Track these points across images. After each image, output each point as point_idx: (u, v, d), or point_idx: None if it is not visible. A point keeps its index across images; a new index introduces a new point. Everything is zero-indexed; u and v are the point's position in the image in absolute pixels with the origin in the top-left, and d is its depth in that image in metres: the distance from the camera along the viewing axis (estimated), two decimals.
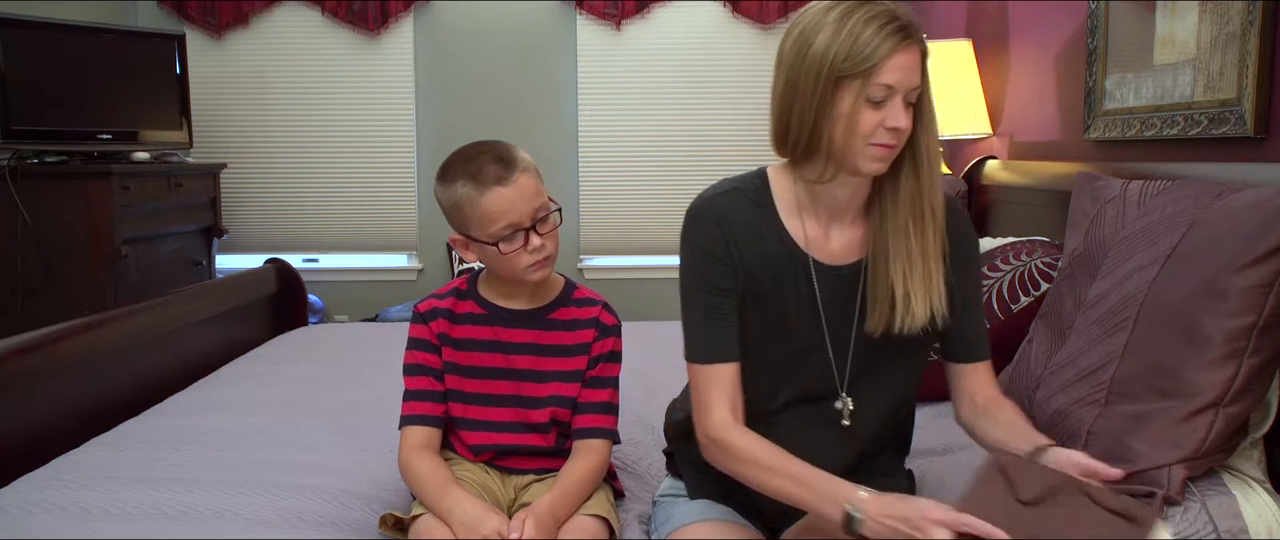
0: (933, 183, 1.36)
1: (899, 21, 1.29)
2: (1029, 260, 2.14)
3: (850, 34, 1.28)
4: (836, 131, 1.31)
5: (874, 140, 1.31)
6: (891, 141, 1.32)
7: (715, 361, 1.36)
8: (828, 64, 1.29)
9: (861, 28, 1.28)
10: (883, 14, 1.29)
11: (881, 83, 1.29)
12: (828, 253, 1.41)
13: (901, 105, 1.31)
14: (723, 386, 1.36)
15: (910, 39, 1.30)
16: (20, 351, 1.90)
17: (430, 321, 1.56)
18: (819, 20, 1.31)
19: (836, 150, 1.32)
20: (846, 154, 1.32)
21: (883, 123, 1.30)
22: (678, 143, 4.34)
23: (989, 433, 1.43)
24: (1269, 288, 1.49)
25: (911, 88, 1.31)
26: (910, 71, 1.30)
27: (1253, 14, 1.84)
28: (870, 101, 1.30)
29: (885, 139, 1.31)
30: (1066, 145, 2.70)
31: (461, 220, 1.49)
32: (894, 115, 1.30)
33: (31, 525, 1.47)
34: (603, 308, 1.59)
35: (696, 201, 1.42)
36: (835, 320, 1.41)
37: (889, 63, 1.29)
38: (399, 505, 1.57)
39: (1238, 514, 1.50)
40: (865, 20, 1.29)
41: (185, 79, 3.77)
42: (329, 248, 4.42)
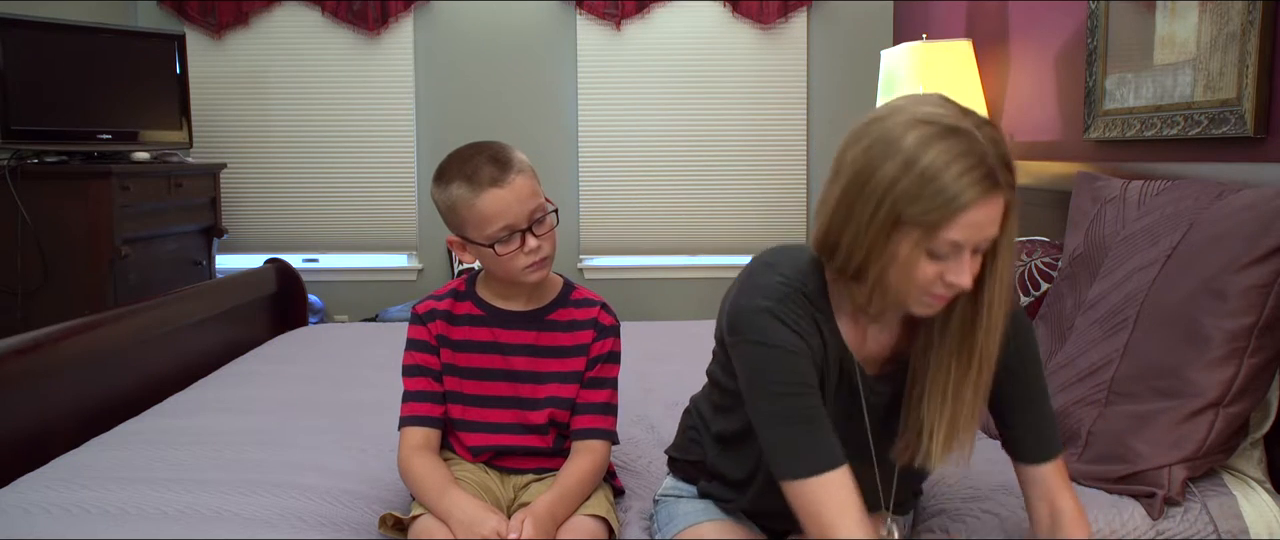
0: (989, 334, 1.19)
1: (986, 167, 1.09)
2: (1029, 260, 2.14)
3: (924, 174, 1.08)
4: (889, 272, 1.15)
5: (930, 291, 1.16)
6: (950, 295, 1.17)
7: (827, 469, 1.18)
8: (890, 201, 1.10)
9: (940, 168, 1.08)
10: (968, 154, 1.08)
11: (948, 239, 1.11)
12: (866, 354, 1.29)
13: (968, 259, 1.13)
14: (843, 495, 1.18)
15: (995, 189, 1.10)
16: (20, 351, 1.90)
17: (428, 323, 1.56)
18: (894, 140, 1.11)
19: (886, 288, 1.17)
20: (897, 294, 1.17)
21: (943, 276, 1.14)
22: (677, 143, 4.34)
23: None
24: (1269, 288, 1.49)
25: (984, 241, 1.13)
26: (986, 227, 1.11)
27: (1253, 14, 1.84)
28: (932, 254, 1.13)
29: (942, 291, 1.16)
30: (1066, 145, 2.70)
31: (458, 222, 1.49)
32: (957, 271, 1.13)
33: (31, 525, 1.47)
34: (601, 308, 1.59)
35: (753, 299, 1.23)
36: (881, 434, 1.31)
37: (962, 219, 1.09)
38: (399, 505, 1.57)
39: (1238, 514, 1.50)
40: (947, 158, 1.08)
41: (185, 79, 3.77)
42: (329, 248, 4.42)
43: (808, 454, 1.19)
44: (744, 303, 1.24)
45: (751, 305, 1.23)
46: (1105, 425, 1.61)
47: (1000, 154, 1.10)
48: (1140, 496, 1.51)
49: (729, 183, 4.35)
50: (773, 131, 4.34)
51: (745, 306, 1.23)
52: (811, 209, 4.37)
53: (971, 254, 1.13)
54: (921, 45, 3.17)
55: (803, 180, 4.36)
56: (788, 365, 1.20)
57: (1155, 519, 1.47)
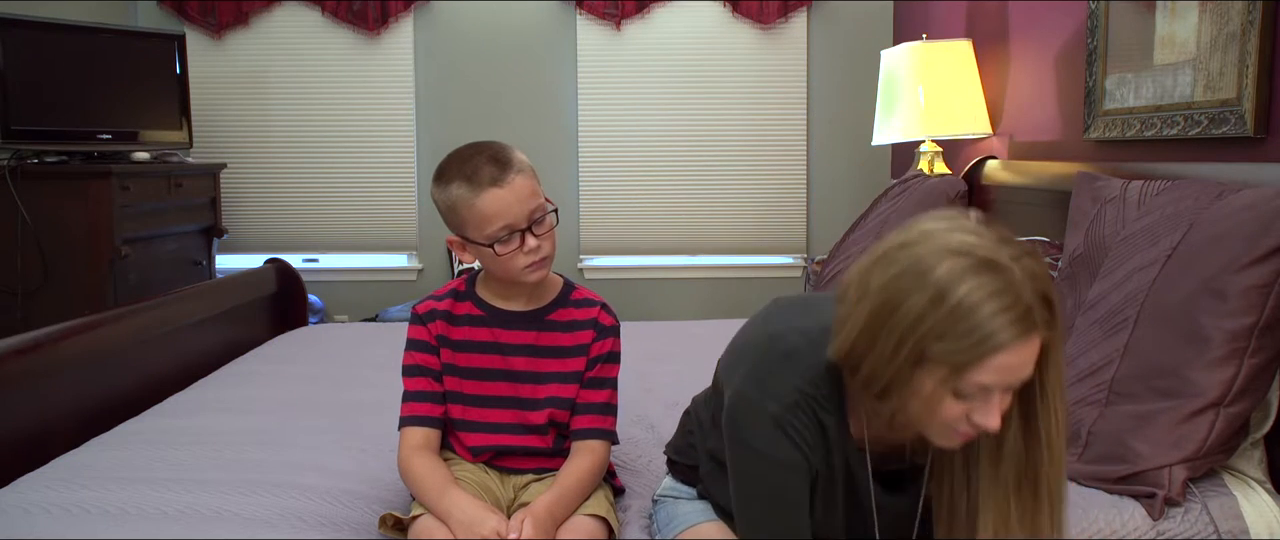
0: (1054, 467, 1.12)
1: (1022, 307, 1.00)
2: None
3: (954, 312, 1.01)
4: (911, 405, 1.08)
5: (954, 428, 1.09)
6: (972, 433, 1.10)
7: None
8: (916, 337, 1.03)
9: (972, 306, 1.00)
10: (1004, 291, 1.00)
11: (976, 381, 1.03)
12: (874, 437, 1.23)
13: (997, 400, 1.06)
14: None
15: (1031, 331, 1.02)
16: (20, 351, 1.90)
17: (428, 323, 1.56)
18: (924, 270, 1.03)
19: (908, 418, 1.10)
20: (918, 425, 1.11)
21: (969, 415, 1.07)
22: (678, 143, 4.34)
23: None
24: (1269, 288, 1.49)
25: (1017, 382, 1.06)
26: (1018, 369, 1.04)
27: (1253, 14, 1.84)
28: (958, 395, 1.06)
29: (968, 430, 1.09)
30: (1066, 145, 2.70)
31: (457, 222, 1.49)
32: (984, 413, 1.06)
33: (31, 525, 1.47)
34: (601, 308, 1.59)
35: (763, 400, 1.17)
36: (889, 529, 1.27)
37: (993, 362, 1.02)
38: (399, 505, 1.57)
39: (1238, 514, 1.50)
40: (980, 295, 1.00)
41: (185, 79, 3.77)
42: (329, 248, 4.42)
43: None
44: (752, 396, 1.18)
45: (759, 406, 1.17)
46: (1105, 425, 1.61)
47: (1039, 290, 1.02)
48: (1140, 497, 1.51)
49: (729, 183, 4.35)
50: (773, 131, 4.34)
51: (753, 403, 1.17)
52: (812, 209, 4.37)
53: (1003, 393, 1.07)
54: (921, 45, 3.16)
55: (803, 180, 4.36)
56: (783, 481, 1.17)
57: (1155, 519, 1.47)
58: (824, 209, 4.36)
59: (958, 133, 3.15)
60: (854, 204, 4.10)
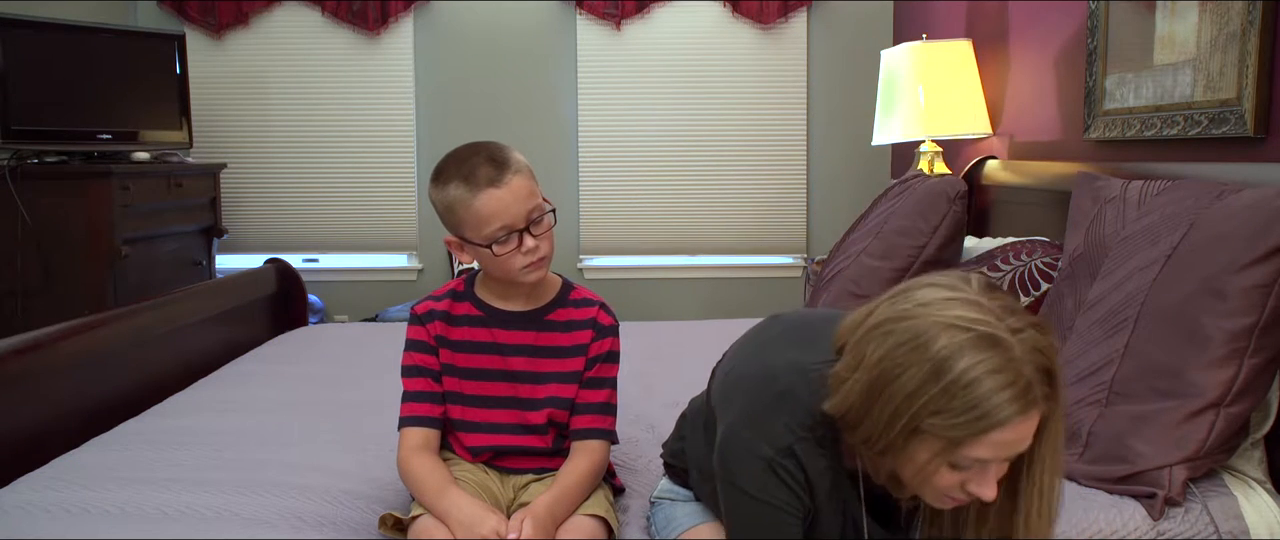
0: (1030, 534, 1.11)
1: (1022, 384, 0.99)
2: (1029, 260, 2.14)
3: (951, 387, 0.99)
4: (907, 469, 1.07)
5: (949, 494, 1.09)
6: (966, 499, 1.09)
7: None
8: (912, 410, 1.02)
9: (970, 383, 0.99)
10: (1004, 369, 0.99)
11: (972, 455, 1.03)
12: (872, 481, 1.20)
13: (993, 472, 1.06)
14: None
15: (1031, 408, 1.00)
16: (20, 351, 1.90)
17: (427, 323, 1.56)
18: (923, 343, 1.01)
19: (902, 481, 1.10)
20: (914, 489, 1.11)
21: (964, 485, 1.07)
22: (678, 143, 4.34)
23: None
24: (1269, 288, 1.49)
25: (1013, 456, 1.05)
26: (1016, 444, 1.03)
27: (1253, 14, 1.84)
28: (954, 466, 1.05)
29: (962, 497, 1.08)
30: (1066, 145, 2.70)
31: (455, 222, 1.48)
32: (980, 484, 1.05)
33: (31, 525, 1.47)
34: (600, 308, 1.59)
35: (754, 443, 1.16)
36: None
37: (989, 438, 1.01)
38: (399, 505, 1.57)
39: (1239, 515, 1.50)
40: (980, 372, 0.98)
41: (185, 79, 3.77)
42: (329, 248, 4.42)
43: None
44: (745, 436, 1.17)
45: (752, 448, 1.15)
46: (1105, 425, 1.61)
47: (1041, 364, 1.00)
48: (1141, 497, 1.51)
49: (729, 183, 4.35)
50: (773, 131, 4.34)
51: (746, 444, 1.16)
52: (811, 209, 4.37)
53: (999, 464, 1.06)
54: (921, 45, 3.16)
55: (803, 180, 4.36)
56: (776, 520, 1.16)
57: (1156, 519, 1.47)
58: (824, 209, 4.36)
59: (958, 133, 3.15)
60: (854, 204, 4.10)
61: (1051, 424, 1.06)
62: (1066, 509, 1.50)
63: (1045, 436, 1.07)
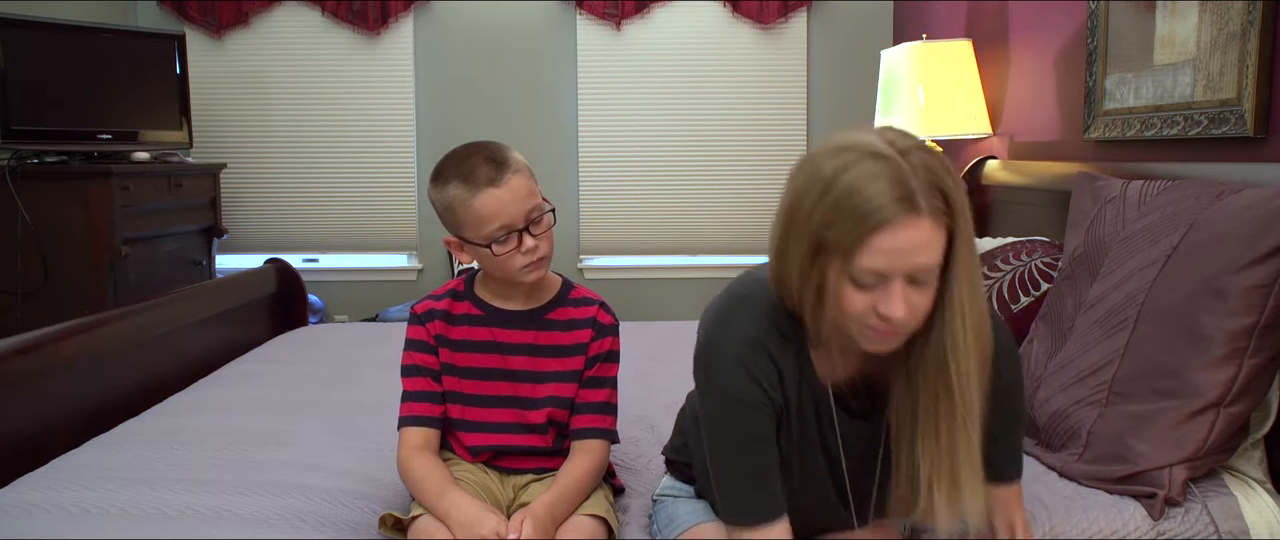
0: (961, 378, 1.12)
1: (904, 189, 1.03)
2: (1029, 260, 2.14)
3: (837, 197, 1.05)
4: (824, 304, 1.11)
5: (866, 323, 1.11)
6: (887, 328, 1.10)
7: (765, 521, 1.21)
8: (810, 229, 1.08)
9: (853, 190, 1.04)
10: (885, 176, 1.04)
11: (866, 266, 1.06)
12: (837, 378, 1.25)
13: (898, 289, 1.07)
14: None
15: (914, 212, 1.04)
16: (20, 351, 1.90)
17: (427, 323, 1.56)
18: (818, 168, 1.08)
19: (823, 320, 1.13)
20: (839, 327, 1.13)
21: (875, 307, 1.09)
22: (678, 143, 4.34)
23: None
24: (1269, 288, 1.49)
25: (913, 270, 1.07)
26: (910, 253, 1.05)
27: (1253, 14, 1.84)
28: (856, 283, 1.08)
29: (877, 324, 1.10)
30: (1066, 145, 2.70)
31: (455, 222, 1.49)
32: (886, 301, 1.07)
33: (31, 525, 1.47)
34: (600, 307, 1.59)
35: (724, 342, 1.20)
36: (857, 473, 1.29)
37: (876, 242, 1.04)
38: (399, 505, 1.57)
39: (1239, 514, 1.50)
40: (863, 181, 1.04)
41: (185, 79, 3.77)
42: (329, 248, 4.42)
43: (750, 504, 1.21)
44: (717, 338, 1.21)
45: (722, 347, 1.20)
46: (1105, 425, 1.61)
47: (931, 180, 1.05)
48: (1141, 497, 1.51)
49: (729, 183, 4.35)
50: (773, 131, 4.34)
51: (717, 345, 1.21)
52: None
53: (910, 284, 1.08)
54: (921, 45, 3.16)
55: None
56: (747, 419, 1.20)
57: (1156, 519, 1.47)
58: None
59: (958, 133, 3.15)
60: None
61: (959, 246, 1.09)
62: (1066, 509, 1.50)
63: (955, 258, 1.10)
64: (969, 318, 1.12)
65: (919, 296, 1.09)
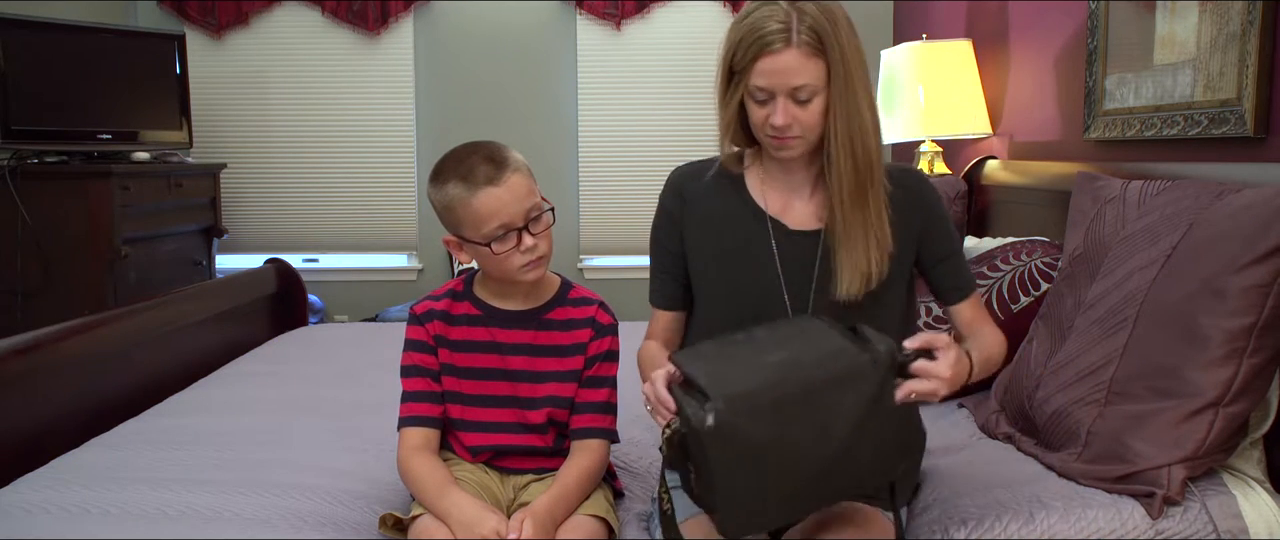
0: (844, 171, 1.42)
1: (782, 26, 1.36)
2: (1029, 260, 2.14)
3: (743, 27, 1.39)
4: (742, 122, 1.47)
5: (764, 133, 1.44)
6: (779, 136, 1.42)
7: (658, 307, 1.63)
8: (725, 57, 1.42)
9: (750, 24, 1.38)
10: (773, 16, 1.37)
11: (755, 84, 1.39)
12: (790, 219, 1.53)
13: (783, 104, 1.39)
14: (661, 328, 1.62)
15: (787, 44, 1.36)
16: (20, 351, 1.90)
17: (426, 323, 1.56)
18: (742, 10, 1.43)
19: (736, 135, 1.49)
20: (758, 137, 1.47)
21: (768, 119, 1.41)
22: (678, 143, 4.33)
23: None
24: (1269, 288, 1.49)
25: (790, 88, 1.38)
26: (784, 75, 1.37)
27: (1253, 14, 1.84)
28: (754, 98, 1.41)
29: (773, 133, 1.42)
30: (1066, 145, 2.70)
31: (454, 221, 1.49)
32: (774, 112, 1.40)
33: (31, 525, 1.47)
34: (599, 307, 1.59)
35: (675, 168, 1.63)
36: (795, 283, 1.51)
37: (758, 66, 1.38)
38: (399, 505, 1.57)
39: (1238, 514, 1.50)
40: (756, 18, 1.38)
41: (185, 79, 3.77)
42: (329, 248, 4.42)
43: (654, 290, 1.63)
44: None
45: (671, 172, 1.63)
46: (1105, 425, 1.61)
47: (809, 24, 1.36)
48: (1140, 496, 1.51)
49: None
50: None
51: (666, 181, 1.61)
52: None
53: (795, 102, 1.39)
54: (921, 45, 3.16)
55: None
56: (659, 224, 1.62)
57: (1155, 519, 1.47)
58: None
59: (958, 133, 3.15)
60: None
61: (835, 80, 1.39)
62: (1065, 508, 1.50)
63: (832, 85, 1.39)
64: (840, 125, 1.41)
65: (802, 112, 1.40)
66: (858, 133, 1.42)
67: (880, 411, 1.23)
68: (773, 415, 1.18)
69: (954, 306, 1.57)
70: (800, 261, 1.51)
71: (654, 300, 1.63)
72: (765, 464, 1.19)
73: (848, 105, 1.41)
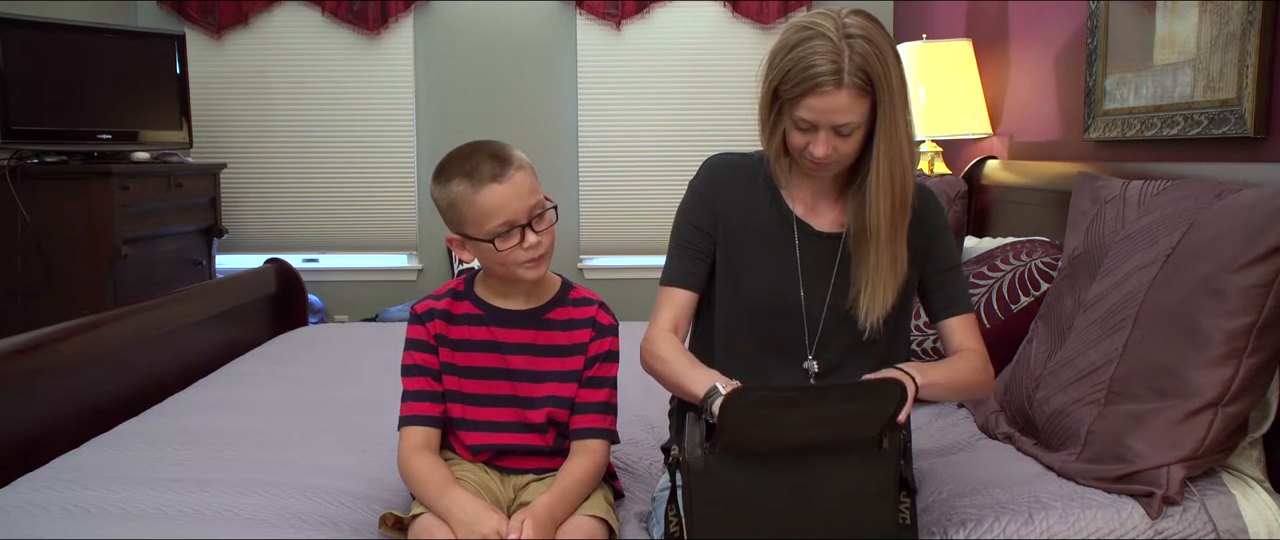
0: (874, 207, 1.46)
1: (833, 65, 1.38)
2: (1029, 260, 2.14)
3: (792, 60, 1.41)
4: (774, 141, 1.50)
5: (803, 158, 1.48)
6: (816, 162, 1.46)
7: (676, 286, 1.59)
8: (770, 81, 1.46)
9: (803, 57, 1.40)
10: (827, 52, 1.39)
11: (801, 115, 1.43)
12: (815, 221, 1.57)
13: (825, 136, 1.43)
14: (674, 308, 1.59)
15: (838, 86, 1.38)
16: (20, 351, 1.90)
17: (427, 322, 1.56)
18: (788, 33, 1.44)
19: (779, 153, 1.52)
20: (797, 158, 1.50)
21: (809, 147, 1.45)
22: (678, 143, 4.33)
23: None
24: (1268, 287, 1.49)
25: (835, 125, 1.41)
26: (830, 113, 1.40)
27: (1253, 14, 1.84)
28: (797, 127, 1.45)
29: (811, 161, 1.47)
30: (1066, 145, 2.70)
31: (458, 218, 1.49)
32: (815, 144, 1.44)
33: (31, 525, 1.47)
34: (599, 307, 1.59)
35: (714, 156, 1.66)
36: (812, 281, 1.55)
37: (807, 102, 1.41)
38: (399, 505, 1.57)
39: (1237, 513, 1.50)
40: (812, 51, 1.39)
41: (185, 79, 3.77)
42: (329, 248, 4.42)
43: (671, 269, 1.61)
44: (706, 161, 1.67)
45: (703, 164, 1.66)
46: (1104, 425, 1.61)
47: (859, 63, 1.38)
48: (1139, 496, 1.51)
49: None
50: None
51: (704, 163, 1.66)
52: None
53: (836, 135, 1.43)
54: (921, 45, 3.17)
55: None
56: (688, 204, 1.63)
57: (1154, 518, 1.47)
58: None
59: (958, 133, 3.15)
60: None
61: (882, 114, 1.42)
62: (1064, 508, 1.50)
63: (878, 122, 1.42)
64: (882, 164, 1.44)
65: (843, 143, 1.44)
66: (898, 167, 1.45)
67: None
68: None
69: (943, 322, 1.59)
70: (820, 263, 1.56)
71: (670, 279, 1.61)
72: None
73: (891, 142, 1.44)
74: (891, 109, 1.42)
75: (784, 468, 1.30)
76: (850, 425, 1.31)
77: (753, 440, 1.29)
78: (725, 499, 1.31)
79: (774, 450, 1.30)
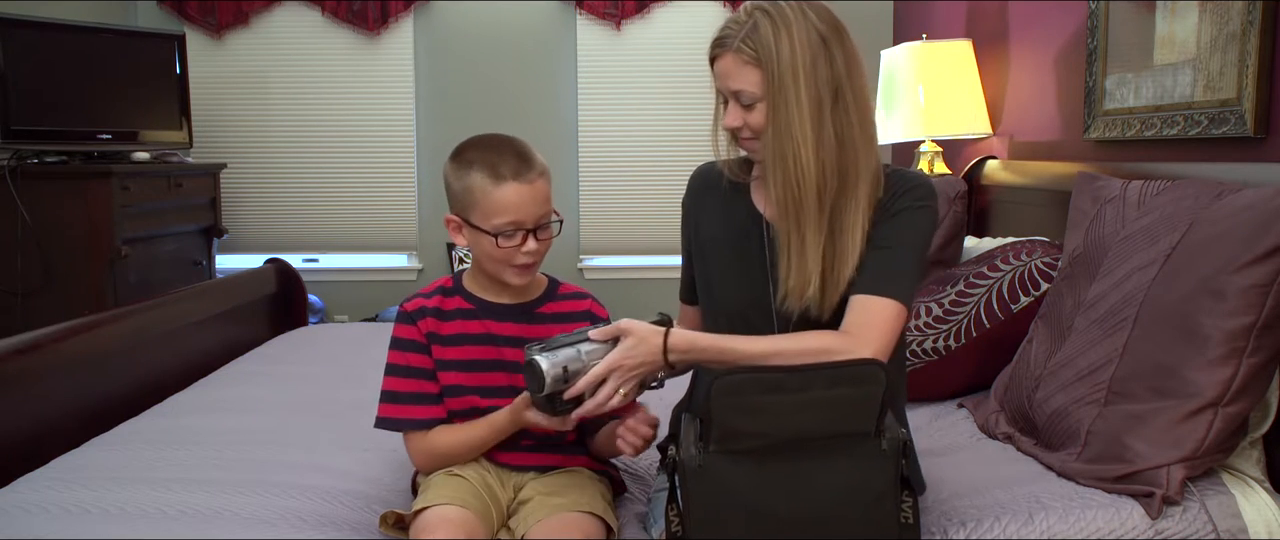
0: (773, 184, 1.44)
1: (727, 31, 1.46)
2: (1029, 260, 2.14)
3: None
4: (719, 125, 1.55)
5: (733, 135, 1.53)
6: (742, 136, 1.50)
7: (682, 301, 1.73)
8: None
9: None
10: (733, 19, 1.47)
11: (715, 87, 1.50)
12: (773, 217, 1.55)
13: (732, 105, 1.48)
14: (683, 322, 1.69)
15: (723, 49, 1.45)
16: (20, 351, 1.90)
17: (418, 321, 1.56)
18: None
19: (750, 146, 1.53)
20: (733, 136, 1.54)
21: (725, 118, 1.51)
22: (678, 143, 4.33)
23: None
24: (1268, 287, 1.49)
25: (732, 92, 1.46)
26: (723, 77, 1.46)
27: (1253, 14, 1.84)
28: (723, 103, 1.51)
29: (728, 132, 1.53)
30: (1066, 145, 2.70)
31: (468, 203, 1.49)
32: (728, 114, 1.49)
33: (31, 525, 1.47)
34: (593, 301, 1.61)
35: (698, 165, 1.69)
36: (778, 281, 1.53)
37: (714, 68, 1.48)
38: (399, 505, 1.57)
39: (1237, 514, 1.50)
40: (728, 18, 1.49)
41: (185, 79, 3.77)
42: (329, 248, 4.42)
43: (681, 284, 1.72)
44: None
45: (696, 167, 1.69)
46: (1104, 425, 1.61)
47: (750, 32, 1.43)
48: (1139, 496, 1.51)
49: None
50: None
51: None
52: None
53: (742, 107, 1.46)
54: (921, 45, 3.16)
55: None
56: (682, 217, 1.69)
57: (1154, 518, 1.47)
58: None
59: (958, 133, 3.15)
60: None
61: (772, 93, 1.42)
62: (1064, 508, 1.50)
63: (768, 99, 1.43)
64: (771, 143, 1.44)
65: (749, 115, 1.46)
66: (790, 147, 1.42)
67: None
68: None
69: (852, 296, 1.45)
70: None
71: (680, 294, 1.72)
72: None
73: (779, 119, 1.42)
74: (780, 84, 1.41)
75: (782, 467, 1.30)
76: (839, 413, 1.29)
77: (742, 431, 1.29)
78: (723, 499, 1.30)
79: (767, 443, 1.29)
